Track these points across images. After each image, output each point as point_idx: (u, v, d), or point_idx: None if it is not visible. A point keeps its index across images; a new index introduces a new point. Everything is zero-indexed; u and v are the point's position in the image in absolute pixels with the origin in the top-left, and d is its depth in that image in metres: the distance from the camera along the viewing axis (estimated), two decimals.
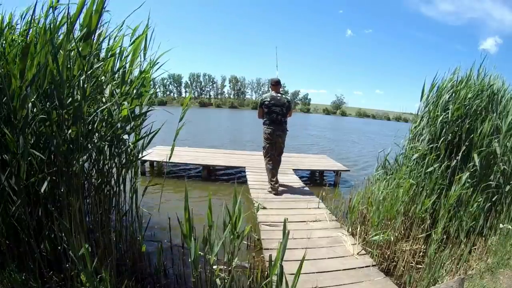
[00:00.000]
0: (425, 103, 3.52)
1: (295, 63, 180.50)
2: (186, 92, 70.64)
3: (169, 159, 2.02)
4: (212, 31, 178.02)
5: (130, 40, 1.93)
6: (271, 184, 3.62)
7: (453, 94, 3.23)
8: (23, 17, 1.75)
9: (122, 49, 1.95)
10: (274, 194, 3.58)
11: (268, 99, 3.47)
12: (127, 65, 1.95)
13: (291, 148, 9.25)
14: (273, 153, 3.57)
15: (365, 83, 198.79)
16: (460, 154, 2.99)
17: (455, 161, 3.00)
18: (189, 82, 71.65)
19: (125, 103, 1.80)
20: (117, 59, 1.97)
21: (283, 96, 3.55)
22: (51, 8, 1.56)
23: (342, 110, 68.12)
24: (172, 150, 2.01)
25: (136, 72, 2.04)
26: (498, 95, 3.19)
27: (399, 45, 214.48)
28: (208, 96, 69.74)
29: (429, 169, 2.99)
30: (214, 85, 73.58)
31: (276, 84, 3.57)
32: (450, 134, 3.11)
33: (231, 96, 70.84)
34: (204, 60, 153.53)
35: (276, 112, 3.44)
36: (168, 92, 68.02)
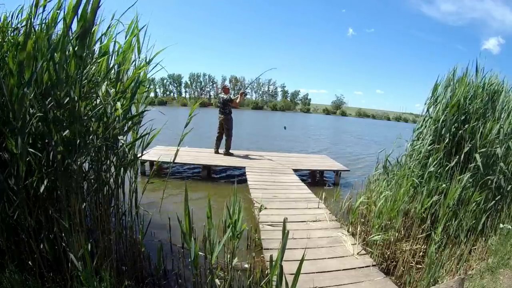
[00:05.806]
0: (427, 104, 3.57)
1: (295, 63, 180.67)
2: (186, 92, 70.70)
3: (173, 161, 2.02)
4: (212, 32, 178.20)
5: (125, 38, 1.91)
6: (214, 148, 5.97)
7: (450, 94, 3.23)
8: (17, 16, 1.75)
9: (115, 46, 1.93)
10: (215, 152, 5.90)
11: (218, 99, 5.91)
12: (121, 63, 1.93)
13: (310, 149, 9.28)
14: (220, 130, 5.81)
15: (366, 83, 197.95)
16: (462, 154, 2.99)
17: (455, 160, 2.99)
18: (189, 82, 71.64)
19: (118, 103, 1.77)
20: (111, 58, 1.94)
21: (226, 96, 5.70)
22: (40, 8, 1.55)
23: (342, 110, 68.16)
24: (176, 154, 2.02)
25: (131, 71, 2.01)
26: (499, 95, 3.18)
27: (400, 45, 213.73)
28: (208, 96, 69.69)
29: (430, 169, 2.99)
30: (214, 85, 73.65)
31: (223, 89, 6.05)
32: (450, 134, 3.11)
33: (231, 96, 70.75)
34: (204, 60, 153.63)
35: (220, 106, 5.78)
36: (168, 92, 68.05)
